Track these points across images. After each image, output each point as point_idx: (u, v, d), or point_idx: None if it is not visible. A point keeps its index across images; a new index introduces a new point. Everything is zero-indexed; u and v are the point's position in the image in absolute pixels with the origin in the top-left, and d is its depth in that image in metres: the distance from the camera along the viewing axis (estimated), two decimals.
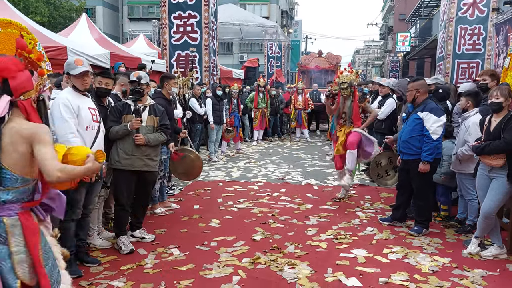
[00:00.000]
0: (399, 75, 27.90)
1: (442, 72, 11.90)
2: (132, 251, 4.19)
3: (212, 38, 11.57)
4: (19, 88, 2.07)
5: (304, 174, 8.21)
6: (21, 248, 2.03)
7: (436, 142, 4.52)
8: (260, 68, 20.62)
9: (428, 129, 4.53)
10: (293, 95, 12.92)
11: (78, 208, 3.63)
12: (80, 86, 3.68)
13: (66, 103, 3.53)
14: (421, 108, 4.66)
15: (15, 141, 2.01)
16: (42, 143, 2.01)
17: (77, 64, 3.64)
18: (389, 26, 41.81)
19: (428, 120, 4.54)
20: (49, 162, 1.99)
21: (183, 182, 7.19)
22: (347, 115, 6.02)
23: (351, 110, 5.98)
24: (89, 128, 3.67)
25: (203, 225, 5.07)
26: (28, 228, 2.06)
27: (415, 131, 4.66)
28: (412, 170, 4.71)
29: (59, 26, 20.24)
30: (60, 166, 2.01)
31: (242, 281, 3.60)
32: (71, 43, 8.15)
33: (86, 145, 3.57)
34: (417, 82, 4.79)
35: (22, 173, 2.06)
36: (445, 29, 11.96)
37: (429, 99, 4.71)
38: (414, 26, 29.42)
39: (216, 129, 9.34)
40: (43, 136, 2.03)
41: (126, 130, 4.11)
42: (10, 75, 2.04)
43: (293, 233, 4.82)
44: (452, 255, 4.18)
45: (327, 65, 16.36)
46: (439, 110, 4.58)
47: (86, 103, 3.69)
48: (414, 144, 4.67)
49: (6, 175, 2.02)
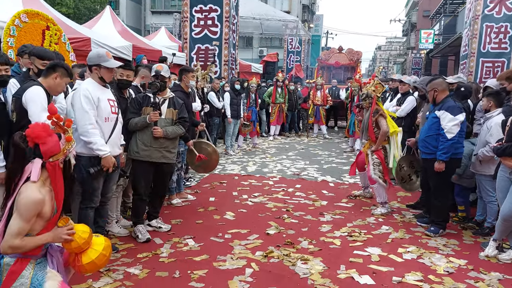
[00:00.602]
0: (421, 73, 27.47)
1: (465, 71, 11.66)
2: (149, 240, 4.27)
3: (232, 32, 11.60)
4: (49, 152, 2.31)
5: (320, 170, 8.19)
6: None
7: (451, 141, 4.45)
8: (279, 62, 20.56)
9: (443, 127, 4.48)
10: (312, 91, 12.85)
11: (96, 196, 3.72)
12: (109, 78, 3.75)
13: (87, 94, 3.57)
14: (439, 107, 4.62)
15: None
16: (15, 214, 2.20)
17: (109, 57, 3.70)
18: (412, 23, 41.12)
19: (444, 119, 4.50)
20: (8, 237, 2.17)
21: (200, 174, 7.27)
22: (364, 129, 5.83)
23: (367, 124, 5.69)
24: (108, 119, 3.72)
25: (218, 217, 5.13)
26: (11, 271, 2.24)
27: (432, 130, 4.62)
28: (429, 169, 4.68)
29: (83, 18, 20.56)
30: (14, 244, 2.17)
31: (254, 274, 3.63)
32: (95, 34, 8.27)
33: (104, 136, 3.66)
34: (434, 81, 4.75)
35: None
36: (470, 26, 11.70)
37: (449, 98, 4.64)
38: (438, 23, 28.84)
39: (233, 123, 9.38)
40: (19, 207, 2.20)
41: (145, 122, 4.18)
42: (41, 141, 2.29)
43: (307, 229, 4.83)
44: (469, 257, 4.13)
45: (347, 61, 16.19)
46: (456, 108, 4.50)
47: (106, 95, 3.75)
48: (431, 143, 4.63)
49: None
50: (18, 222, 2.17)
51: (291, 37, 21.44)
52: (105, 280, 3.42)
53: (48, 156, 2.31)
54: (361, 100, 5.84)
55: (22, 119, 3.30)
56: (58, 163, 2.34)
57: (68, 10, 20.31)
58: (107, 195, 3.97)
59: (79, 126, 3.55)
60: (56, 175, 2.32)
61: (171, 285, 3.41)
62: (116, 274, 3.55)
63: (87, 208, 3.73)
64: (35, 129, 2.30)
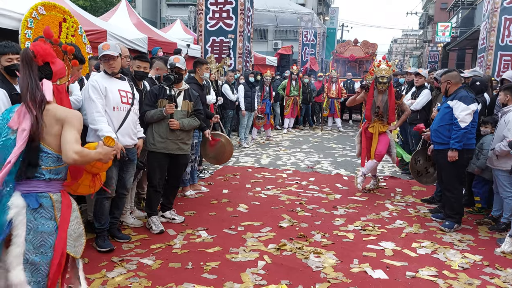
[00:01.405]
0: (438, 66, 27.01)
1: (483, 65, 11.42)
2: (162, 231, 4.32)
3: (247, 25, 11.56)
4: (58, 74, 2.20)
5: (334, 164, 8.15)
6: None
7: (464, 130, 4.43)
8: (294, 55, 20.43)
9: (457, 117, 4.47)
10: (327, 84, 12.79)
11: (110, 185, 3.76)
12: (108, 69, 3.77)
13: (94, 85, 3.67)
14: (451, 97, 4.62)
15: (50, 123, 2.13)
16: (69, 126, 2.12)
17: (103, 49, 3.73)
18: (429, 15, 40.42)
19: (457, 108, 4.49)
20: (69, 145, 2.07)
21: (214, 166, 7.30)
22: (383, 111, 5.82)
23: (387, 106, 5.80)
24: (117, 109, 3.75)
25: (231, 210, 5.14)
26: (65, 204, 2.21)
27: (444, 120, 4.61)
28: (441, 160, 4.67)
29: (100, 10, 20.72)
30: (77, 149, 2.07)
31: (267, 266, 3.64)
32: (111, 27, 8.31)
33: (113, 125, 3.71)
34: (448, 73, 4.76)
35: (60, 152, 2.15)
36: (488, 19, 11.44)
37: (461, 88, 4.62)
38: (456, 15, 28.31)
39: (247, 116, 9.38)
40: (72, 121, 2.14)
41: (161, 114, 4.22)
42: (52, 60, 2.16)
43: (320, 222, 4.82)
44: (484, 252, 4.07)
45: (363, 54, 16.05)
46: (468, 98, 4.48)
47: (116, 85, 3.78)
48: (443, 133, 4.61)
49: (48, 153, 2.13)
50: (74, 132, 2.11)
51: (306, 30, 21.28)
52: (118, 270, 3.46)
53: (57, 77, 2.20)
54: (380, 82, 5.73)
55: None
56: (64, 87, 2.24)
57: (85, 2, 20.50)
58: (126, 187, 4.02)
59: (88, 115, 3.63)
60: (63, 100, 2.23)
61: (184, 276, 3.43)
62: (129, 264, 3.59)
63: (102, 198, 3.78)
64: (44, 47, 2.13)
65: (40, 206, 2.10)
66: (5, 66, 3.39)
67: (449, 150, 4.52)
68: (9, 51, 3.44)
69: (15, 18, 5.41)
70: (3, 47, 3.42)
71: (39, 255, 2.06)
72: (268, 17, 19.65)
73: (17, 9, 5.50)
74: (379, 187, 6.34)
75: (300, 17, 20.49)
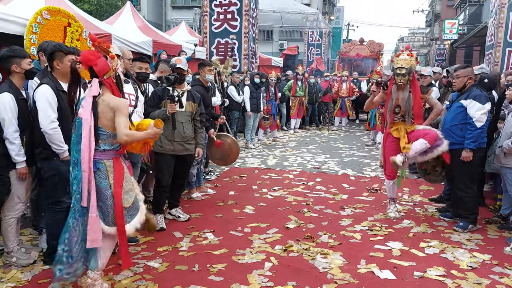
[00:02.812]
0: (445, 64, 26.82)
1: (491, 61, 11.31)
2: (162, 229, 4.37)
3: (252, 26, 11.56)
4: (101, 71, 2.89)
5: (341, 164, 8.12)
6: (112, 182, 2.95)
7: (480, 130, 4.36)
8: (300, 56, 20.40)
9: (472, 116, 4.38)
10: (337, 83, 12.80)
11: None
12: None
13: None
14: (464, 96, 4.51)
15: (105, 110, 2.90)
16: (120, 113, 2.89)
17: None
18: (436, 13, 40.14)
19: (472, 108, 4.39)
20: (120, 129, 2.86)
21: (220, 168, 7.30)
22: (406, 110, 4.78)
23: (410, 103, 4.75)
24: None
25: (237, 211, 5.14)
26: (117, 169, 2.99)
27: (457, 119, 4.53)
28: (453, 159, 4.57)
29: (105, 14, 20.83)
30: (127, 132, 2.88)
31: (274, 268, 3.63)
32: (116, 30, 8.36)
33: None
34: (468, 69, 4.62)
35: (113, 131, 2.92)
36: (496, 15, 11.33)
37: (474, 87, 4.54)
38: (463, 12, 28.06)
39: (253, 117, 9.37)
40: (121, 108, 2.90)
41: (165, 114, 4.24)
42: (93, 63, 2.86)
43: (327, 223, 4.79)
44: (493, 252, 4.02)
45: (369, 53, 15.99)
46: (483, 97, 4.41)
47: None
48: (456, 132, 4.53)
49: (103, 132, 2.92)
50: (123, 118, 2.88)
51: (312, 30, 21.23)
52: (125, 273, 3.46)
53: (102, 74, 2.90)
54: (398, 75, 4.68)
55: (37, 116, 3.37)
56: (111, 79, 2.95)
57: (90, 7, 20.61)
58: None
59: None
60: (113, 88, 2.97)
61: (190, 278, 3.43)
62: (136, 267, 3.60)
63: None
64: (85, 55, 2.89)
65: (98, 170, 2.90)
66: (27, 69, 3.48)
67: (463, 150, 4.43)
68: (27, 55, 3.59)
69: (20, 23, 5.46)
70: (22, 51, 3.52)
71: (101, 202, 2.91)
72: (273, 17, 19.63)
73: (22, 14, 5.56)
74: None
75: (305, 17, 20.44)
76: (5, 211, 3.54)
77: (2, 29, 5.31)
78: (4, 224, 3.56)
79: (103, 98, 2.90)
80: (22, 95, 3.52)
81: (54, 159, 3.41)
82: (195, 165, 5.58)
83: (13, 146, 3.37)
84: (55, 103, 3.35)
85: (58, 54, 3.45)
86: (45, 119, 3.32)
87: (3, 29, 5.32)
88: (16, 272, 3.45)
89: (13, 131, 3.36)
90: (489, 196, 5.69)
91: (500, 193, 5.09)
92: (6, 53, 3.44)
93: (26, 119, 3.47)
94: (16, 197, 3.53)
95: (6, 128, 3.35)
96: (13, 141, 3.37)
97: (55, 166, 3.41)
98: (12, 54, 3.44)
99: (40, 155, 3.44)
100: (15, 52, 3.45)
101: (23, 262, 3.56)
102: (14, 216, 3.56)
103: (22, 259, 3.58)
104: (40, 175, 3.54)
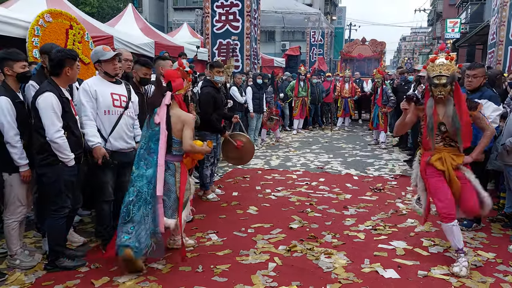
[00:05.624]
0: None
1: (494, 60, 11.28)
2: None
3: (253, 27, 11.57)
4: (176, 87, 3.58)
5: (344, 164, 8.10)
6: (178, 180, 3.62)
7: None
8: (302, 56, 20.39)
9: (488, 117, 4.21)
10: (340, 83, 12.78)
11: (106, 189, 3.80)
12: (112, 71, 3.77)
13: (86, 88, 3.68)
14: (477, 96, 4.31)
15: (176, 121, 3.54)
16: (187, 126, 3.56)
17: (106, 50, 3.75)
18: (438, 12, 40.05)
19: (488, 108, 4.18)
20: (186, 139, 3.55)
21: (223, 169, 7.30)
22: (453, 131, 3.57)
23: (457, 121, 3.52)
24: (108, 112, 3.73)
25: (241, 212, 5.13)
26: (183, 170, 3.68)
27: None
28: None
29: (107, 17, 20.87)
30: (191, 143, 3.57)
31: (278, 268, 3.62)
32: (118, 32, 8.38)
33: (105, 129, 3.74)
34: (483, 68, 4.50)
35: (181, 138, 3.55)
36: (498, 14, 11.30)
37: (485, 87, 4.45)
38: (465, 11, 27.97)
39: (256, 118, 9.36)
40: (189, 122, 3.58)
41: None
42: (172, 79, 3.58)
43: (331, 222, 4.78)
44: (497, 250, 4.00)
45: (371, 52, 15.96)
46: (496, 97, 4.32)
47: (109, 89, 3.77)
48: None
49: (175, 140, 3.56)
50: (189, 131, 3.56)
51: (314, 30, 21.24)
52: (129, 275, 3.47)
53: (176, 90, 3.58)
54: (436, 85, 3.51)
55: (40, 121, 3.33)
56: (181, 96, 3.63)
57: (92, 9, 20.68)
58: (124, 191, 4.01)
59: (81, 117, 3.65)
60: (181, 103, 3.64)
61: (194, 279, 3.43)
62: None
63: (101, 202, 3.84)
64: (170, 72, 3.65)
65: (169, 168, 3.58)
66: (19, 73, 3.43)
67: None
68: (22, 58, 3.49)
69: (22, 26, 5.48)
70: (16, 54, 3.47)
71: (165, 195, 3.55)
72: (275, 18, 19.64)
73: (23, 17, 5.58)
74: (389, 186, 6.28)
75: (307, 17, 20.44)
76: (8, 215, 3.55)
77: (4, 32, 5.33)
78: (7, 228, 3.57)
79: (174, 112, 3.55)
80: (19, 97, 3.50)
81: (59, 164, 3.37)
82: (209, 166, 5.58)
83: (15, 149, 3.37)
84: (60, 111, 3.33)
85: (68, 61, 3.41)
86: (51, 129, 3.28)
87: (5, 32, 5.34)
88: (20, 274, 3.46)
89: (13, 134, 3.36)
90: (492, 195, 5.64)
91: (503, 192, 5.07)
92: (0, 55, 3.43)
93: (25, 122, 3.46)
94: (18, 200, 3.52)
95: (6, 133, 3.35)
96: (15, 145, 3.37)
97: (59, 172, 3.38)
98: (5, 56, 3.41)
99: (44, 161, 3.36)
100: (9, 55, 3.42)
101: (26, 265, 3.57)
102: (17, 220, 3.56)
103: (26, 261, 3.58)
104: (42, 181, 3.48)
